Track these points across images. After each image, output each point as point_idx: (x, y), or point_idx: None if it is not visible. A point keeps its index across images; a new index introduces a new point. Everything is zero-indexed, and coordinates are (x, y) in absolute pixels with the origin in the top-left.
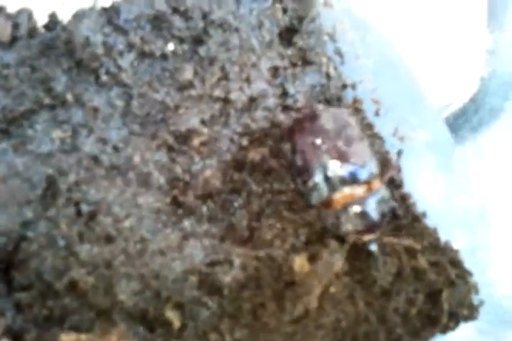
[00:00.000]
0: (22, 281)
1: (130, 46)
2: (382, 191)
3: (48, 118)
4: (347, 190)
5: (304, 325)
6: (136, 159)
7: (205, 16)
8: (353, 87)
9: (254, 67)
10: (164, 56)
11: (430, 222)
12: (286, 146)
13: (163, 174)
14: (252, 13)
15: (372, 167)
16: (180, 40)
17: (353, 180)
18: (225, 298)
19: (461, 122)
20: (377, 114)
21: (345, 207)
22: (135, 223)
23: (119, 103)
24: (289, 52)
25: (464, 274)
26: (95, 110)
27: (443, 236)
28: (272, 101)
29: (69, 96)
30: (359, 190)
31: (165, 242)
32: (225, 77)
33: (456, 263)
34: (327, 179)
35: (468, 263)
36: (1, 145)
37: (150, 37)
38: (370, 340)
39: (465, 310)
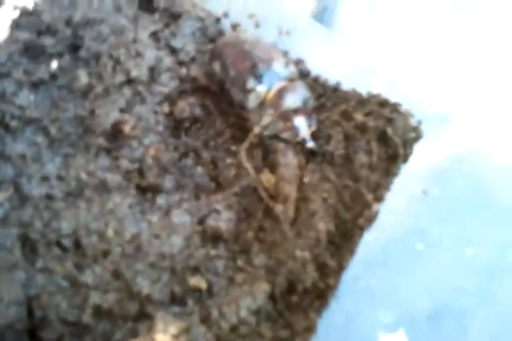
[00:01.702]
0: (50, 336)
1: (18, 84)
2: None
3: None
4: (277, 86)
5: (302, 221)
6: (83, 176)
7: (68, 23)
8: (226, 15)
9: (136, 41)
10: (54, 75)
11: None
12: (216, 66)
13: (115, 173)
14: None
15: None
16: (59, 54)
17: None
18: (228, 241)
19: None
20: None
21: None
22: (118, 227)
23: (40, 138)
24: (157, 16)
25: (394, 108)
26: (23, 157)
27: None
28: (168, 61)
29: None
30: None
31: (152, 226)
32: (117, 62)
33: (383, 103)
34: (259, 79)
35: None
36: None
37: (31, 66)
38: (359, 199)
39: (412, 134)
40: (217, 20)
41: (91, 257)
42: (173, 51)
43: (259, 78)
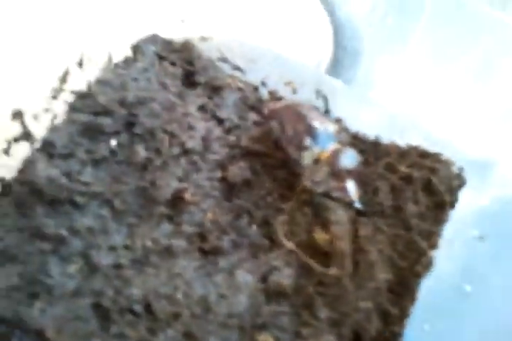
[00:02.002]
0: None
1: (82, 162)
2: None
3: (57, 261)
4: (331, 147)
5: (361, 272)
6: (149, 243)
7: (122, 103)
8: (264, 84)
9: (187, 115)
10: (113, 152)
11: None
12: (273, 125)
13: (179, 238)
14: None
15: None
16: (117, 133)
17: (332, 139)
18: (291, 296)
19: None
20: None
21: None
22: (186, 290)
23: (105, 211)
24: (199, 90)
25: (435, 158)
26: (90, 230)
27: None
28: (217, 131)
29: (64, 232)
30: (337, 147)
31: (218, 287)
32: (172, 135)
33: (423, 154)
34: (316, 139)
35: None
36: None
37: (92, 145)
38: (413, 248)
39: (456, 181)
40: (256, 89)
41: (162, 321)
42: (220, 121)
43: (314, 138)
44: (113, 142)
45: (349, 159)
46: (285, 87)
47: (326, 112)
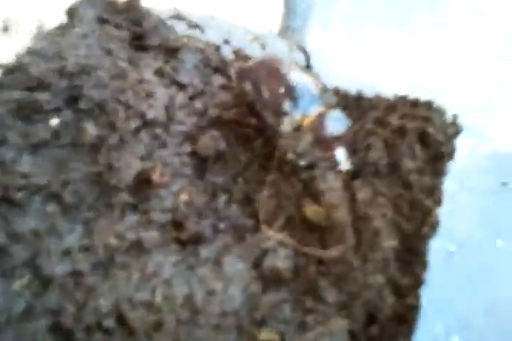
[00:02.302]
0: None
1: (16, 149)
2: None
3: None
4: (314, 111)
5: (365, 243)
6: (112, 241)
7: (60, 74)
8: (227, 42)
9: (142, 81)
10: (55, 134)
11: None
12: (247, 86)
13: (149, 229)
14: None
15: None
16: (57, 110)
17: (315, 102)
18: (290, 282)
19: None
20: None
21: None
22: (166, 291)
23: (51, 207)
24: (152, 54)
25: (427, 106)
26: (35, 233)
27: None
28: (181, 97)
29: (1, 240)
30: (322, 110)
31: (205, 282)
32: (127, 107)
33: (414, 103)
34: (297, 101)
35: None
36: None
37: (28, 127)
38: (418, 207)
39: (452, 129)
40: (217, 48)
41: (141, 334)
42: (181, 87)
43: (295, 101)
44: (54, 121)
45: (337, 123)
46: (251, 43)
47: (307, 68)
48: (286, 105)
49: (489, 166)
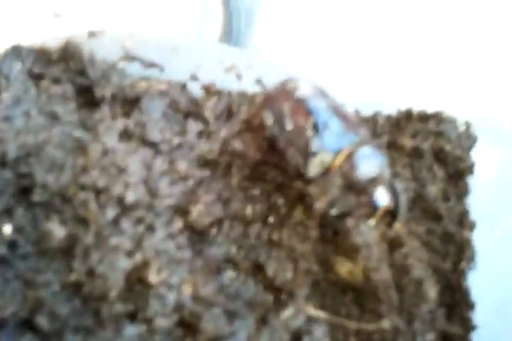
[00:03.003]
0: None
1: None
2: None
3: None
4: (346, 150)
5: (409, 297)
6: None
7: (2, 161)
8: (194, 78)
9: (106, 152)
10: (12, 244)
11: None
12: (266, 115)
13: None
14: None
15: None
16: (6, 211)
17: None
18: None
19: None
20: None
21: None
22: None
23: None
24: (106, 109)
25: (438, 117)
26: None
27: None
28: (159, 162)
29: None
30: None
31: None
32: (98, 191)
33: (422, 116)
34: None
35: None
36: None
37: None
38: (451, 239)
39: (467, 141)
40: (184, 87)
41: None
42: (154, 146)
43: (321, 137)
44: (7, 229)
45: (370, 162)
46: (226, 75)
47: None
48: (315, 143)
49: None
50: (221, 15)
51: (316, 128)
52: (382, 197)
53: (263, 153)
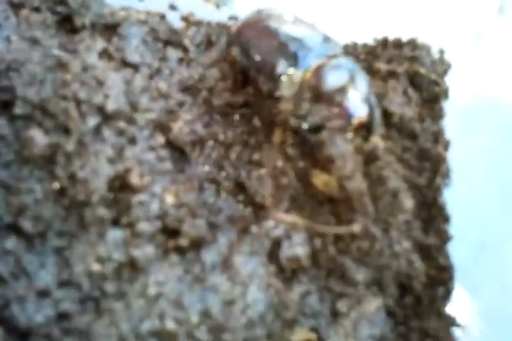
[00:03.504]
0: None
1: None
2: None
3: None
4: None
5: (384, 207)
6: (96, 267)
7: None
8: (173, 7)
9: (88, 68)
10: None
11: None
12: (234, 50)
13: (140, 245)
14: None
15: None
16: None
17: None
18: (311, 269)
19: None
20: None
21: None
22: (177, 313)
23: (12, 242)
24: (86, 34)
25: (412, 44)
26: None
27: None
28: (138, 79)
29: None
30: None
31: (219, 291)
32: (77, 101)
33: (397, 43)
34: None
35: None
36: None
37: None
38: (427, 157)
39: (441, 66)
40: (163, 17)
41: None
42: (135, 67)
43: (291, 59)
44: None
45: (340, 73)
46: (204, 3)
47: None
48: (282, 64)
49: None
50: None
51: (286, 54)
52: (356, 108)
53: (239, 82)
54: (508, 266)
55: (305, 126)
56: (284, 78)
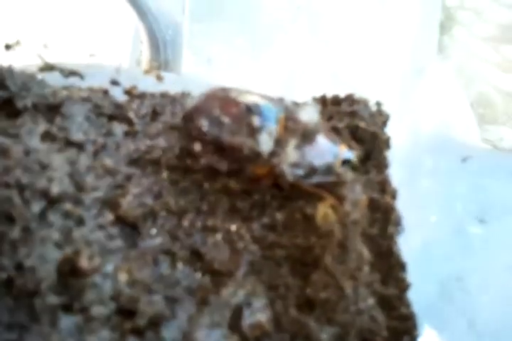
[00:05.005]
0: None
1: None
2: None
3: None
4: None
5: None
6: None
7: None
8: (115, 83)
9: (28, 152)
10: None
11: None
12: (202, 123)
13: (94, 331)
14: None
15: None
16: None
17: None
18: (274, 333)
19: None
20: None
21: None
22: None
23: None
24: (27, 118)
25: (349, 99)
26: None
27: None
28: (84, 159)
29: None
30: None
31: None
32: (21, 188)
33: (335, 100)
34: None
35: None
36: None
37: None
38: (376, 206)
39: (380, 118)
40: (106, 92)
41: None
42: (79, 146)
43: (260, 115)
44: None
45: (308, 111)
46: (145, 77)
47: None
48: (256, 120)
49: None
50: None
51: (255, 112)
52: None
53: (211, 157)
54: (473, 299)
55: (300, 172)
56: (262, 132)
